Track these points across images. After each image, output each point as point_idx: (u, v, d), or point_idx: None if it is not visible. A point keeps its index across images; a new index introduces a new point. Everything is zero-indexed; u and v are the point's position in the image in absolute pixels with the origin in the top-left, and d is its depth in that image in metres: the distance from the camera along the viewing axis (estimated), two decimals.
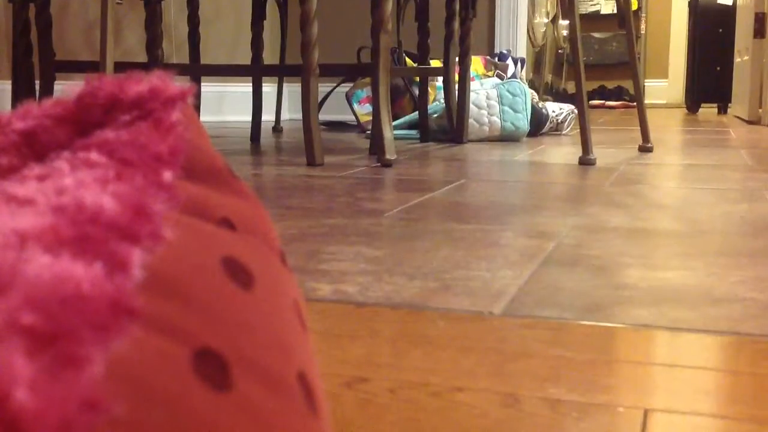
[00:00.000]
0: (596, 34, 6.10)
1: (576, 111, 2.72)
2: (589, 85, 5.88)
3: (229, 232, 0.28)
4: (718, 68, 4.30)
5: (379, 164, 1.84)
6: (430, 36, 2.49)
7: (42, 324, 0.17)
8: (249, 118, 3.32)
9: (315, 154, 1.84)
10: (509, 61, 2.99)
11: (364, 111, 2.97)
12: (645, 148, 2.15)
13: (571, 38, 1.87)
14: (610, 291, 0.75)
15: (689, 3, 4.59)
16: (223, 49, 3.35)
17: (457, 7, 2.43)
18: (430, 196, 1.35)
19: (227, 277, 0.25)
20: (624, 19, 2.11)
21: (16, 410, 0.16)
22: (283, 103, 3.64)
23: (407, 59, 2.88)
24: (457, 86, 2.43)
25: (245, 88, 3.37)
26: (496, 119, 2.45)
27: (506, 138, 2.47)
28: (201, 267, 0.24)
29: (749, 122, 3.41)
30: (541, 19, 4.43)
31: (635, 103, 2.30)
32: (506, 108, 2.45)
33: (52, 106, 0.30)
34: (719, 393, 0.51)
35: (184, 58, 3.23)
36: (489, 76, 2.86)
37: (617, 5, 2.22)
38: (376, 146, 1.87)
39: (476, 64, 2.90)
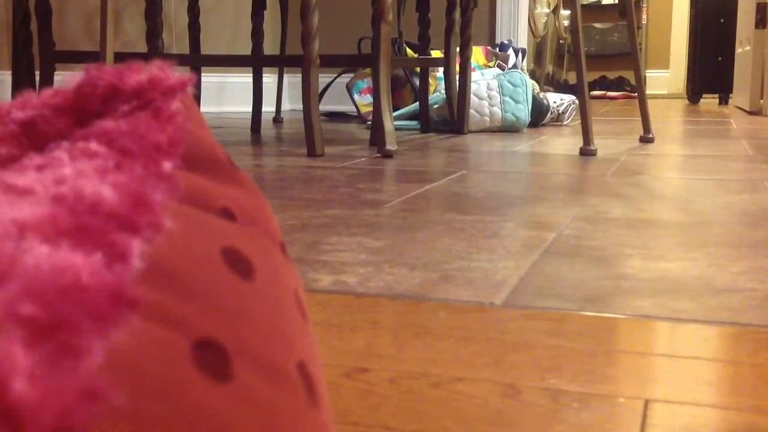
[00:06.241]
0: (597, 25, 6.09)
1: (577, 102, 2.72)
2: (590, 76, 5.87)
3: (229, 222, 0.28)
4: (720, 58, 4.30)
5: (379, 155, 1.84)
6: (430, 26, 2.48)
7: (41, 314, 0.17)
8: (249, 108, 3.32)
9: (315, 145, 1.84)
10: (510, 52, 2.99)
11: (364, 102, 2.96)
12: (646, 139, 2.14)
13: (573, 29, 1.86)
14: (611, 282, 0.75)
15: None
16: (223, 39, 3.34)
17: None
18: (430, 187, 1.35)
19: (227, 267, 0.25)
20: (625, 10, 2.10)
21: (15, 401, 0.16)
22: (284, 93, 3.64)
23: (408, 50, 2.87)
24: (457, 77, 2.43)
25: (245, 78, 3.37)
26: (496, 110, 2.45)
27: (507, 129, 2.47)
28: (201, 257, 0.24)
29: (750, 113, 3.40)
30: (542, 9, 4.42)
31: (636, 94, 2.30)
32: (507, 99, 2.45)
33: (51, 96, 0.30)
34: (720, 383, 0.51)
35: (184, 48, 3.22)
36: (490, 67, 2.86)
37: None
38: (377, 137, 1.87)
39: (477, 54, 2.89)
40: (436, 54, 2.78)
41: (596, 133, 2.42)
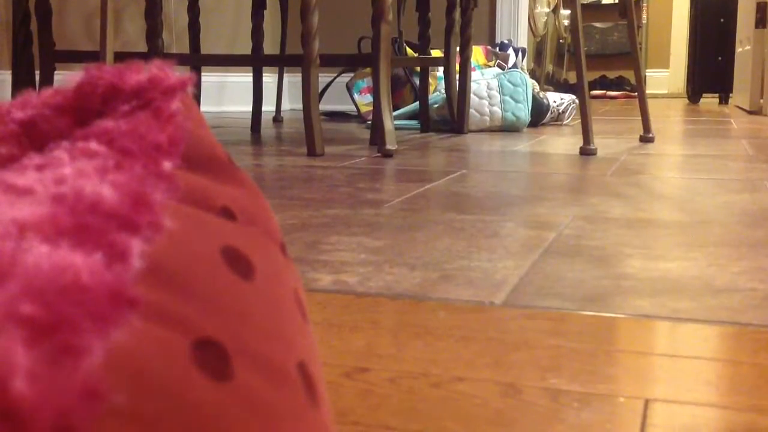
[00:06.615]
0: (597, 24, 6.09)
1: (577, 101, 2.72)
2: (590, 75, 5.87)
3: (229, 221, 0.28)
4: (720, 58, 4.30)
5: (379, 154, 1.84)
6: (430, 26, 2.48)
7: (41, 314, 0.17)
8: (249, 108, 3.32)
9: (315, 145, 1.84)
10: (510, 51, 2.99)
11: (364, 101, 2.96)
12: (646, 139, 2.14)
13: (573, 28, 1.86)
14: (611, 281, 0.75)
15: None
16: (223, 39, 3.34)
17: None
18: (430, 187, 1.35)
19: (227, 266, 0.25)
20: (625, 9, 2.10)
21: (15, 400, 0.16)
22: (284, 93, 3.64)
23: (408, 49, 2.87)
24: (457, 76, 2.43)
25: (245, 78, 3.37)
26: (496, 109, 2.45)
27: (507, 128, 2.47)
28: (201, 257, 0.24)
29: (750, 112, 3.40)
30: (543, 9, 4.42)
31: (636, 93, 2.30)
32: (507, 98, 2.45)
33: (51, 96, 0.30)
34: (720, 383, 0.51)
35: (184, 48, 3.22)
36: (490, 66, 2.86)
37: None
38: (377, 136, 1.87)
39: (477, 54, 2.89)
40: (436, 53, 2.78)
41: (596, 132, 2.42)
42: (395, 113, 2.54)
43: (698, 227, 1.00)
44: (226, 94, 3.38)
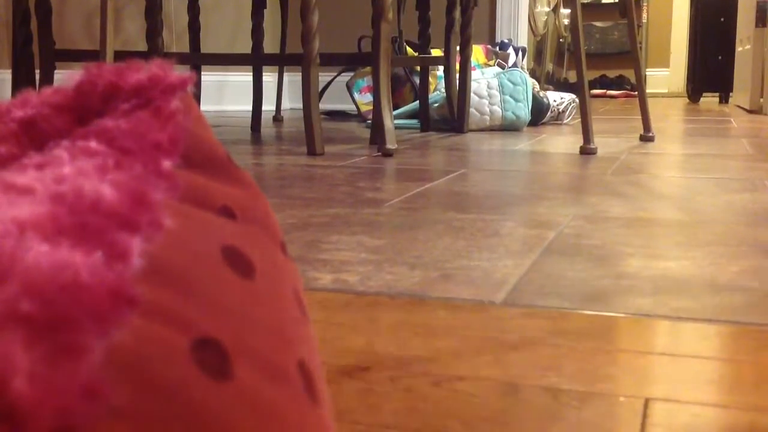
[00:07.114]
0: (598, 23, 6.09)
1: (577, 100, 2.72)
2: (590, 75, 5.87)
3: (229, 221, 0.28)
4: (720, 57, 4.29)
5: (379, 154, 1.84)
6: (431, 25, 2.48)
7: (41, 313, 0.17)
8: (249, 107, 3.32)
9: (315, 144, 1.84)
10: (510, 50, 2.99)
11: (364, 100, 2.96)
12: (646, 138, 2.14)
13: (573, 27, 1.86)
14: (611, 280, 0.75)
15: None
16: (223, 38, 3.34)
17: None
18: (430, 186, 1.35)
19: (227, 266, 0.25)
20: (626, 8, 2.10)
21: (15, 400, 0.16)
22: (284, 92, 3.64)
23: (408, 48, 2.87)
24: (458, 75, 2.43)
25: (245, 77, 3.37)
26: (497, 108, 2.45)
27: (507, 127, 2.47)
28: (201, 256, 0.24)
29: (750, 111, 3.40)
30: (543, 8, 4.42)
31: (636, 93, 2.30)
32: (507, 97, 2.45)
33: (51, 95, 0.30)
34: (720, 382, 0.51)
35: (184, 47, 3.22)
36: (490, 66, 2.86)
37: None
38: (377, 136, 1.87)
39: (477, 53, 2.89)
40: (436, 53, 2.78)
41: (596, 131, 2.42)
42: (395, 112, 2.54)
43: (698, 226, 1.00)
44: (226, 93, 3.37)
